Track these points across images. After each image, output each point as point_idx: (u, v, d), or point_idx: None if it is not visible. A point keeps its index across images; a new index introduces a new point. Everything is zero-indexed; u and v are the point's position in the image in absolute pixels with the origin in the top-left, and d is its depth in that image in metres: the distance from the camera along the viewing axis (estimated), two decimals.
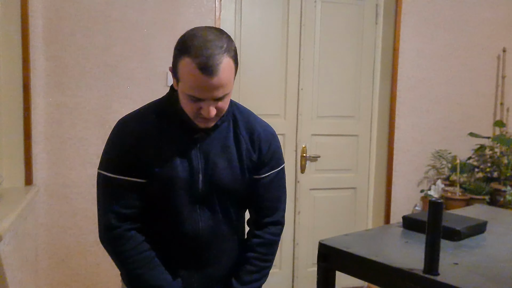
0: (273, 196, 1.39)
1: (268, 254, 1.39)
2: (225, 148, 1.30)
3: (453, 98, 3.38)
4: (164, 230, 1.30)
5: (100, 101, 2.65)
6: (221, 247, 1.35)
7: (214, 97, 1.16)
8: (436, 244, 1.00)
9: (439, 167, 3.36)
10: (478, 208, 1.75)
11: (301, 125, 3.18)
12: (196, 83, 1.13)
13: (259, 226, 1.39)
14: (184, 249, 1.31)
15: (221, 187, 1.30)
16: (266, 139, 1.35)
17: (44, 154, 2.60)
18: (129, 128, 1.28)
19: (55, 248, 2.66)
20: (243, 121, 1.34)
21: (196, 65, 1.11)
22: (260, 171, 1.35)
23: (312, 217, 3.29)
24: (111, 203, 1.26)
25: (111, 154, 1.28)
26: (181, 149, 1.26)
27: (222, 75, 1.13)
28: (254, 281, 1.36)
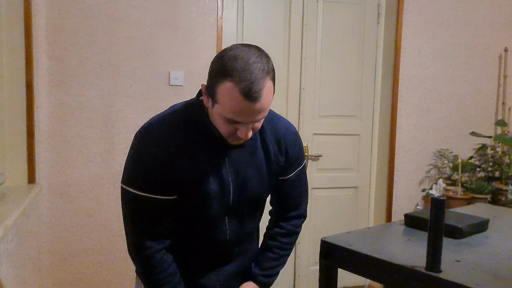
0: (297, 193, 1.42)
1: (289, 244, 1.44)
2: (253, 156, 1.28)
3: (454, 97, 3.39)
4: (191, 239, 1.30)
5: (103, 100, 2.66)
6: (243, 247, 1.38)
7: (254, 120, 1.12)
8: (438, 242, 1.00)
9: (440, 166, 3.36)
10: (480, 207, 1.75)
11: (302, 124, 3.19)
12: (238, 109, 1.08)
13: (283, 219, 1.43)
14: (209, 254, 1.33)
15: (251, 198, 1.30)
16: (291, 141, 1.34)
17: (47, 152, 2.61)
18: (156, 139, 1.19)
19: (58, 247, 2.67)
20: (267, 124, 1.31)
21: (239, 91, 1.05)
22: (287, 172, 1.36)
23: (314, 216, 3.30)
24: (141, 222, 1.22)
25: (137, 170, 1.20)
26: (211, 162, 1.22)
27: (265, 100, 1.09)
28: (273, 267, 1.41)
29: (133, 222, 1.23)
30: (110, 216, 2.72)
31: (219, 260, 1.35)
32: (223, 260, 1.36)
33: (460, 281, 0.96)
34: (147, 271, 1.25)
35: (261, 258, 1.40)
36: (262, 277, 1.38)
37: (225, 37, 2.91)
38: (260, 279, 1.38)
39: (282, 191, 1.38)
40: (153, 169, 1.18)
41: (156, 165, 1.18)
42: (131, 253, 1.26)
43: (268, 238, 1.43)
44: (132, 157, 1.21)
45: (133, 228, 1.23)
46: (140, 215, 1.22)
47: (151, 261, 1.23)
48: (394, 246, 1.21)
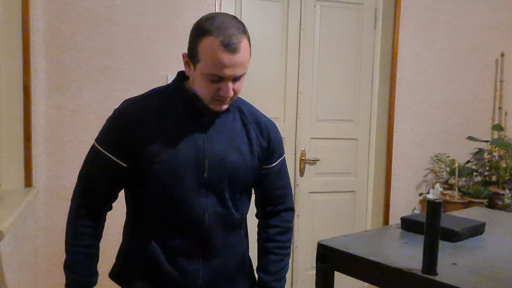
0: (284, 183, 1.43)
1: (287, 241, 1.43)
2: (233, 134, 1.31)
3: (451, 102, 3.40)
4: (168, 218, 1.27)
5: (100, 104, 2.66)
6: (226, 239, 1.32)
7: (235, 75, 1.19)
8: (434, 244, 1.00)
9: (437, 170, 3.37)
10: (476, 211, 1.76)
11: (300, 128, 3.20)
12: (219, 60, 1.15)
13: (272, 215, 1.42)
14: (188, 238, 1.27)
15: (230, 172, 1.28)
16: (272, 127, 1.40)
17: (44, 156, 2.60)
18: (131, 108, 1.28)
19: (54, 250, 2.66)
20: (247, 111, 1.38)
21: (219, 43, 1.14)
22: (271, 159, 1.38)
23: (311, 220, 3.30)
24: (87, 173, 1.31)
25: (106, 129, 1.30)
26: (186, 133, 1.26)
27: (243, 53, 1.17)
28: (281, 270, 1.39)
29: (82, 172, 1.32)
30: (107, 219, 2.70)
31: (202, 249, 1.29)
32: (207, 250, 1.29)
33: (457, 283, 0.96)
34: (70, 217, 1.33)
35: (266, 264, 1.37)
36: (275, 283, 1.36)
37: None
38: (275, 285, 1.35)
39: (269, 181, 1.39)
40: (118, 131, 1.26)
41: (122, 129, 1.26)
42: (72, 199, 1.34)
43: (264, 241, 1.40)
44: (106, 122, 1.31)
45: (80, 176, 1.33)
46: (90, 167, 1.31)
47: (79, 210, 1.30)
48: (390, 249, 1.21)
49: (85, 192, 1.31)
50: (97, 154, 1.28)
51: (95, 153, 1.29)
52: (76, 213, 1.31)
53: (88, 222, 1.30)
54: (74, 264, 1.32)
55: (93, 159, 1.30)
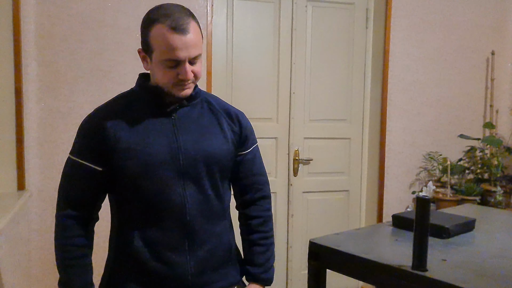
0: (259, 171, 1.45)
1: (269, 231, 1.44)
2: (203, 123, 1.33)
3: (443, 100, 3.42)
4: (149, 213, 1.27)
5: (93, 106, 2.60)
6: (210, 229, 1.31)
7: (190, 56, 1.21)
8: (424, 240, 1.01)
9: (430, 169, 3.39)
10: (467, 208, 1.77)
11: (293, 128, 3.20)
12: (171, 44, 1.18)
13: (250, 203, 1.43)
14: (172, 230, 1.27)
15: (206, 156, 1.29)
16: (242, 116, 1.42)
17: (37, 159, 2.60)
18: (97, 115, 1.31)
19: (48, 253, 2.66)
20: (216, 102, 1.40)
21: (168, 27, 1.17)
22: (245, 145, 1.40)
23: (305, 219, 3.31)
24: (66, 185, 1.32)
25: (77, 139, 1.32)
26: (155, 126, 1.28)
27: (193, 33, 1.20)
28: (267, 260, 1.41)
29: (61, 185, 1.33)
30: (101, 222, 2.70)
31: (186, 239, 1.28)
32: (191, 239, 1.28)
33: (446, 279, 0.97)
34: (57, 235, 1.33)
35: (252, 256, 1.39)
36: (263, 274, 1.38)
37: (215, 42, 2.92)
38: (263, 276, 1.37)
39: (245, 167, 1.41)
40: (87, 138, 1.28)
41: (91, 134, 1.28)
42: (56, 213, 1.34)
43: (247, 233, 1.42)
44: (77, 132, 1.33)
45: (60, 190, 1.34)
46: (69, 179, 1.31)
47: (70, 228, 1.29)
48: (381, 247, 1.22)
49: (68, 203, 1.31)
50: (72, 164, 1.30)
51: (70, 164, 1.31)
52: (62, 225, 1.32)
53: (76, 232, 1.30)
54: (70, 279, 1.32)
55: (69, 169, 1.32)
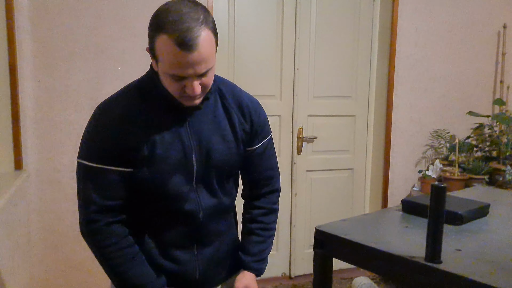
0: (268, 166, 1.37)
1: (270, 223, 1.39)
2: (216, 123, 1.24)
3: (452, 76, 3.32)
4: (161, 217, 1.24)
5: (90, 84, 2.58)
6: (217, 227, 1.31)
7: (197, 73, 1.09)
8: (438, 231, 0.95)
9: (437, 147, 3.31)
10: (479, 190, 1.70)
11: (297, 106, 3.12)
12: (176, 61, 1.06)
13: (257, 197, 1.38)
14: (182, 232, 1.26)
15: (218, 164, 1.25)
16: (254, 109, 1.31)
17: (34, 138, 2.53)
18: (112, 112, 1.18)
19: (48, 234, 2.62)
20: (229, 93, 1.29)
21: (173, 42, 1.03)
22: (253, 142, 1.32)
23: (309, 198, 3.26)
24: (91, 195, 1.17)
25: (92, 142, 1.18)
26: (170, 130, 1.19)
27: (202, 49, 1.06)
28: (262, 251, 1.36)
29: (84, 196, 1.18)
30: None
31: (196, 240, 1.28)
32: (200, 240, 1.28)
33: (462, 272, 0.91)
34: (97, 246, 1.19)
35: (247, 244, 1.35)
36: (255, 264, 1.33)
37: (216, 16, 2.82)
38: (254, 266, 1.33)
39: (252, 163, 1.34)
40: (105, 140, 1.16)
41: (109, 136, 1.16)
42: (82, 229, 1.21)
43: (248, 222, 1.38)
44: (88, 132, 1.20)
45: (83, 202, 1.19)
46: (93, 187, 1.17)
47: (99, 235, 1.18)
48: (391, 235, 1.16)
49: (103, 210, 1.18)
50: (96, 172, 1.16)
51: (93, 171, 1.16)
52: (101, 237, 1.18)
53: (116, 238, 1.19)
54: (136, 279, 1.21)
55: (93, 177, 1.17)
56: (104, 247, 1.18)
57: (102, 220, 1.18)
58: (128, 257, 1.20)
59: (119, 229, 1.20)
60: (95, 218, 1.18)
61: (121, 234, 1.20)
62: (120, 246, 1.19)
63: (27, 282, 2.53)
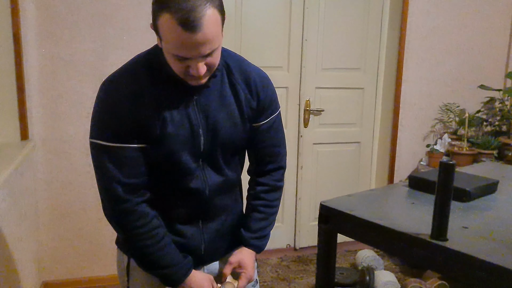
0: (274, 142, 1.35)
1: (274, 200, 1.37)
2: (223, 100, 1.21)
3: (464, 48, 3.24)
4: (168, 190, 1.23)
5: (95, 53, 2.54)
6: (223, 202, 1.31)
7: (201, 54, 1.04)
8: (445, 210, 0.93)
9: (446, 121, 3.27)
10: (487, 165, 1.68)
11: (304, 78, 3.07)
12: (179, 41, 1.01)
13: (261, 173, 1.36)
14: (189, 208, 1.26)
15: (224, 142, 1.23)
16: (262, 85, 1.27)
17: (39, 108, 2.52)
18: (121, 89, 1.13)
19: (55, 204, 2.64)
20: (236, 68, 1.25)
21: (176, 21, 0.98)
22: (259, 118, 1.29)
23: (315, 172, 3.25)
24: (114, 175, 1.13)
25: (105, 120, 1.13)
26: (179, 108, 1.17)
27: (207, 29, 1.00)
28: (263, 228, 1.34)
29: (106, 175, 1.15)
30: None
31: (202, 215, 1.28)
32: (206, 214, 1.28)
33: (468, 250, 0.90)
34: (127, 228, 1.17)
35: (249, 221, 1.33)
36: (254, 240, 1.32)
37: None
38: (253, 242, 1.32)
39: (258, 140, 1.31)
40: (119, 118, 1.12)
41: (122, 113, 1.12)
42: (108, 213, 1.19)
43: (251, 199, 1.36)
44: (98, 110, 1.15)
45: (107, 183, 1.16)
46: (112, 167, 1.14)
47: (130, 216, 1.16)
48: (397, 211, 1.14)
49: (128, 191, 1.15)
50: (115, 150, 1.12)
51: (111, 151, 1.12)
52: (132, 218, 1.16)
53: (147, 219, 1.18)
54: (165, 260, 1.21)
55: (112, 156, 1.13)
56: (134, 228, 1.17)
57: (131, 200, 1.16)
58: (157, 238, 1.19)
59: (149, 209, 1.19)
60: (124, 198, 1.15)
61: (150, 214, 1.19)
62: (151, 227, 1.18)
63: (36, 251, 2.57)
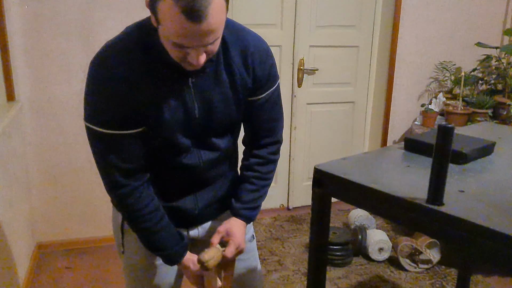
0: (270, 117, 1.29)
1: (267, 173, 1.34)
2: (218, 81, 1.15)
3: (461, 5, 3.15)
4: (163, 167, 1.22)
5: (81, 10, 2.44)
6: (217, 172, 1.29)
7: (204, 44, 0.97)
8: (442, 174, 0.91)
9: (441, 79, 3.22)
10: (483, 126, 1.65)
11: (298, 36, 2.99)
12: (181, 31, 0.92)
13: (257, 146, 1.33)
14: (183, 182, 1.25)
15: (219, 121, 1.20)
16: (260, 60, 1.19)
17: (25, 68, 2.45)
18: (114, 73, 1.06)
19: (46, 166, 2.61)
20: (233, 42, 1.15)
21: (179, 10, 0.89)
22: (256, 93, 1.23)
23: (309, 132, 3.22)
24: (111, 161, 1.11)
25: (97, 106, 1.08)
26: (174, 91, 1.11)
27: (212, 19, 0.92)
28: (254, 200, 1.32)
29: (104, 161, 1.13)
30: None
31: (196, 186, 1.27)
32: (200, 185, 1.27)
33: (464, 215, 0.88)
34: (127, 210, 1.18)
35: (240, 192, 1.31)
36: (245, 211, 1.30)
37: None
38: (243, 213, 1.29)
39: (254, 114, 1.26)
40: (114, 105, 1.07)
41: (116, 100, 1.06)
42: (108, 192, 1.19)
43: (245, 169, 1.33)
44: (90, 93, 1.09)
45: (105, 167, 1.14)
46: (109, 153, 1.12)
47: (129, 200, 1.16)
48: (392, 174, 1.12)
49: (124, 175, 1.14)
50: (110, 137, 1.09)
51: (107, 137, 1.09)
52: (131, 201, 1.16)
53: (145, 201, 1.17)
54: (161, 242, 1.21)
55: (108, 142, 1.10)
56: (134, 211, 1.17)
57: (129, 185, 1.14)
58: (155, 220, 1.19)
59: (147, 192, 1.18)
60: (122, 183, 1.14)
61: (149, 196, 1.18)
62: (149, 209, 1.17)
63: (28, 213, 2.56)
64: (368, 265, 2.63)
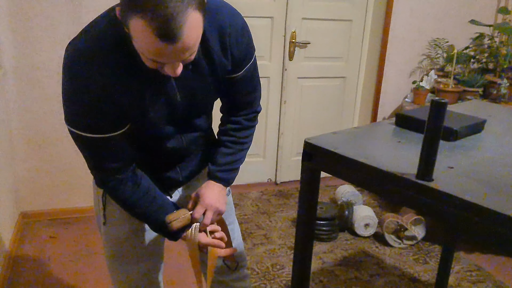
0: (248, 90, 1.28)
1: (243, 137, 1.34)
2: (197, 68, 1.11)
3: None
4: (146, 151, 1.23)
5: None
6: (198, 146, 1.31)
7: (179, 60, 0.93)
8: (433, 149, 0.90)
9: (434, 56, 3.20)
10: (474, 104, 1.64)
11: (291, 7, 2.93)
12: (155, 51, 0.88)
13: (234, 115, 1.32)
14: (168, 160, 1.28)
15: (200, 106, 1.21)
16: (236, 39, 1.14)
17: (8, 32, 2.37)
18: (90, 73, 0.99)
19: (30, 134, 2.56)
20: (210, 26, 1.09)
21: (153, 31, 0.84)
22: (235, 71, 1.21)
23: (299, 106, 3.20)
24: (96, 161, 1.13)
25: (75, 109, 1.03)
26: (156, 88, 1.08)
27: (187, 38, 0.88)
28: (230, 163, 1.32)
29: (90, 162, 1.14)
30: None
31: (178, 160, 1.30)
32: (182, 158, 1.30)
33: (453, 191, 0.88)
34: (117, 198, 1.19)
35: (216, 155, 1.31)
36: (220, 173, 1.30)
37: None
38: (219, 175, 1.30)
39: (232, 90, 1.24)
40: (92, 111, 1.02)
41: (95, 105, 1.02)
42: (98, 186, 1.21)
43: (221, 134, 1.33)
44: (67, 95, 1.03)
45: (91, 167, 1.15)
46: (94, 155, 1.12)
47: (117, 191, 1.17)
48: (383, 150, 1.11)
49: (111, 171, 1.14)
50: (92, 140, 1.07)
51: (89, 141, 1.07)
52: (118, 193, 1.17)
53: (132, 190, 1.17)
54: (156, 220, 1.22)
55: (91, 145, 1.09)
56: (124, 200, 1.18)
57: (116, 178, 1.14)
58: (146, 203, 1.19)
59: (133, 181, 1.17)
60: (108, 179, 1.15)
61: (136, 184, 1.17)
62: (138, 195, 1.18)
63: (12, 181, 2.52)
64: (353, 240, 2.66)
